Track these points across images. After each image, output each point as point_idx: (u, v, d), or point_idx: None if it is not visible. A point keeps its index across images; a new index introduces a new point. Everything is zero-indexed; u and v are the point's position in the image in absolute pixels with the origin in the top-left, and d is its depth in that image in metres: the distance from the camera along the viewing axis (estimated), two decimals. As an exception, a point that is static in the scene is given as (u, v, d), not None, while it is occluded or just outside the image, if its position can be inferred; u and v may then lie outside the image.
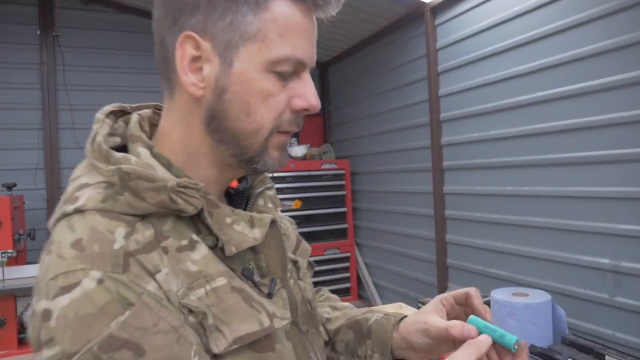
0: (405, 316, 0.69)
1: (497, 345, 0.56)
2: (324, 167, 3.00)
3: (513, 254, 1.83)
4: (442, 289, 2.18)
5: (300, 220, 2.92)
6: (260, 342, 0.48)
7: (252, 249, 0.53)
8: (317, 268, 3.07)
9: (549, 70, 1.64)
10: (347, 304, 0.82)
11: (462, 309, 0.66)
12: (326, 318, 0.75)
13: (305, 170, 2.95)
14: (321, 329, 0.67)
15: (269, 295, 0.53)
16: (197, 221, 0.51)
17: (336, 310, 0.77)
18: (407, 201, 2.55)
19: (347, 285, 3.04)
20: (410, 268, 2.54)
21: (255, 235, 0.52)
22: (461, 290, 0.65)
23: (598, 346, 1.29)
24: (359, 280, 3.08)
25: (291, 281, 0.59)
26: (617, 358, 1.21)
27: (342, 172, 3.04)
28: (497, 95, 1.88)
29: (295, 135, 3.44)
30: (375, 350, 0.68)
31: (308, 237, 3.06)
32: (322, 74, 3.55)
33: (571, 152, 1.58)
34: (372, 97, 2.86)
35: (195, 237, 0.49)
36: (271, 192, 0.63)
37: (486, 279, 1.96)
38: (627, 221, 1.41)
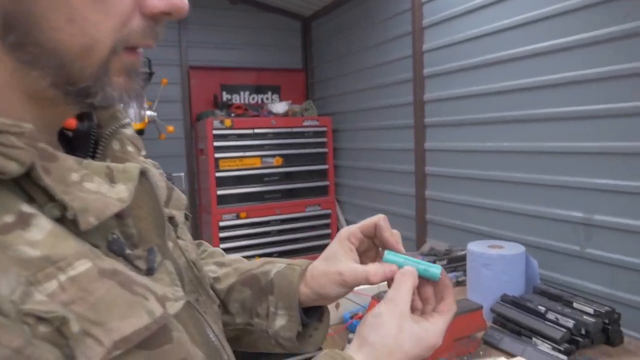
0: (310, 263, 0.62)
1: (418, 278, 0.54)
2: (305, 124, 2.97)
3: (491, 208, 1.87)
4: (421, 243, 2.23)
5: (281, 178, 2.92)
6: (153, 336, 0.35)
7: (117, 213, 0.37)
8: (298, 225, 3.08)
9: (533, 25, 1.63)
10: (235, 256, 0.71)
11: (371, 241, 0.61)
12: (213, 278, 0.64)
13: (287, 127, 2.93)
14: (211, 292, 0.56)
15: (150, 272, 0.39)
16: (26, 183, 0.33)
17: (224, 267, 0.67)
18: (388, 158, 2.56)
19: (328, 241, 3.07)
20: (390, 224, 2.57)
21: (120, 194, 0.37)
22: (368, 222, 0.59)
23: (567, 294, 1.34)
24: (340, 237, 3.12)
25: (170, 244, 0.45)
26: (583, 304, 1.27)
27: (324, 129, 3.03)
28: (480, 51, 1.86)
29: (277, 91, 3.39)
30: (280, 306, 0.60)
31: (289, 194, 3.08)
32: (305, 29, 3.47)
33: (548, 107, 1.59)
34: (355, 53, 2.82)
35: (26, 208, 0.32)
36: (129, 131, 0.47)
37: (464, 233, 2.00)
38: (600, 175, 1.45)
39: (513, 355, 1.16)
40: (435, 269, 0.54)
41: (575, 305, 1.28)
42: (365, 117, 2.77)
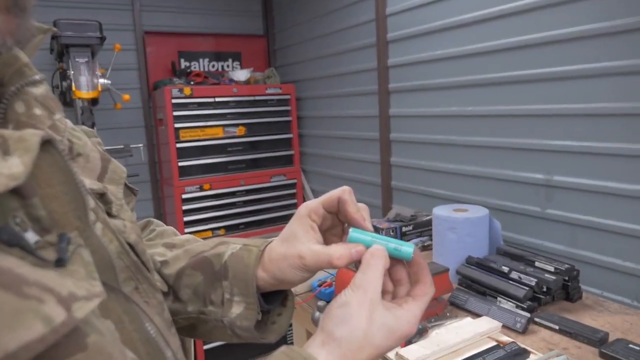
0: (269, 242, 0.56)
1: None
2: (268, 92, 2.90)
3: (455, 173, 1.88)
4: (387, 210, 2.24)
5: (245, 147, 2.86)
6: (57, 345, 0.29)
7: (16, 192, 0.30)
8: (264, 195, 3.02)
9: (497, -14, 1.61)
10: (188, 236, 0.65)
11: (335, 216, 0.55)
12: (160, 261, 0.58)
13: (249, 96, 2.84)
14: (156, 277, 0.50)
15: (60, 263, 0.31)
16: None
17: (174, 249, 0.60)
18: (353, 125, 2.54)
19: (294, 211, 3.05)
20: (356, 191, 2.54)
21: (13, 169, 0.29)
22: (331, 196, 0.54)
23: (529, 254, 1.38)
24: (306, 206, 3.10)
25: (98, 226, 0.39)
26: (545, 263, 1.30)
27: (288, 97, 2.96)
28: (443, 14, 1.84)
29: (237, 58, 3.29)
30: (236, 292, 0.54)
31: (253, 164, 3.02)
32: (265, -7, 3.35)
33: (509, 71, 1.59)
34: (318, 18, 2.75)
35: None
36: (40, 90, 0.39)
37: (429, 198, 2.02)
38: (560, 137, 1.47)
39: (479, 315, 1.18)
40: (408, 248, 0.49)
41: (537, 264, 1.32)
42: (328, 84, 2.73)
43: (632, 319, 1.17)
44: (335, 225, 0.57)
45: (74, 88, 2.24)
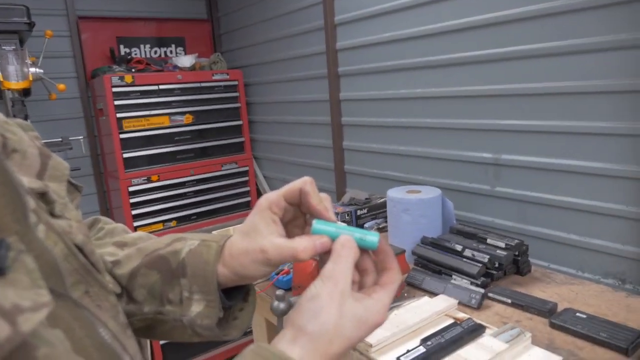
0: (229, 237, 0.55)
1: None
2: (215, 77, 2.81)
3: (407, 155, 1.90)
4: (341, 194, 2.24)
5: (193, 136, 2.77)
6: None
7: None
8: (215, 184, 2.93)
9: (442, -33, 1.61)
10: (140, 233, 0.62)
11: (297, 208, 0.54)
12: (112, 261, 0.55)
13: (195, 82, 2.75)
14: (108, 278, 0.48)
15: (1, 272, 0.29)
16: None
17: (126, 247, 0.57)
18: (303, 110, 2.51)
19: (247, 199, 3.01)
20: (310, 176, 2.55)
21: None
22: (292, 187, 0.52)
23: (481, 232, 1.41)
24: (259, 194, 3.07)
25: (41, 228, 0.36)
26: (496, 240, 1.34)
27: (235, 83, 2.88)
28: (391, -5, 1.83)
29: (181, 44, 3.17)
30: (195, 290, 0.52)
31: (203, 153, 2.92)
32: (207, -25, 3.23)
33: (456, 52, 1.61)
34: (264, 1, 2.68)
35: None
36: None
37: (383, 181, 2.04)
38: (506, 117, 1.51)
39: (435, 294, 1.20)
40: (373, 237, 0.49)
41: (488, 241, 1.35)
42: (277, 68, 2.68)
43: (577, 288, 1.23)
44: (297, 217, 0.55)
45: (1, 78, 2.08)
